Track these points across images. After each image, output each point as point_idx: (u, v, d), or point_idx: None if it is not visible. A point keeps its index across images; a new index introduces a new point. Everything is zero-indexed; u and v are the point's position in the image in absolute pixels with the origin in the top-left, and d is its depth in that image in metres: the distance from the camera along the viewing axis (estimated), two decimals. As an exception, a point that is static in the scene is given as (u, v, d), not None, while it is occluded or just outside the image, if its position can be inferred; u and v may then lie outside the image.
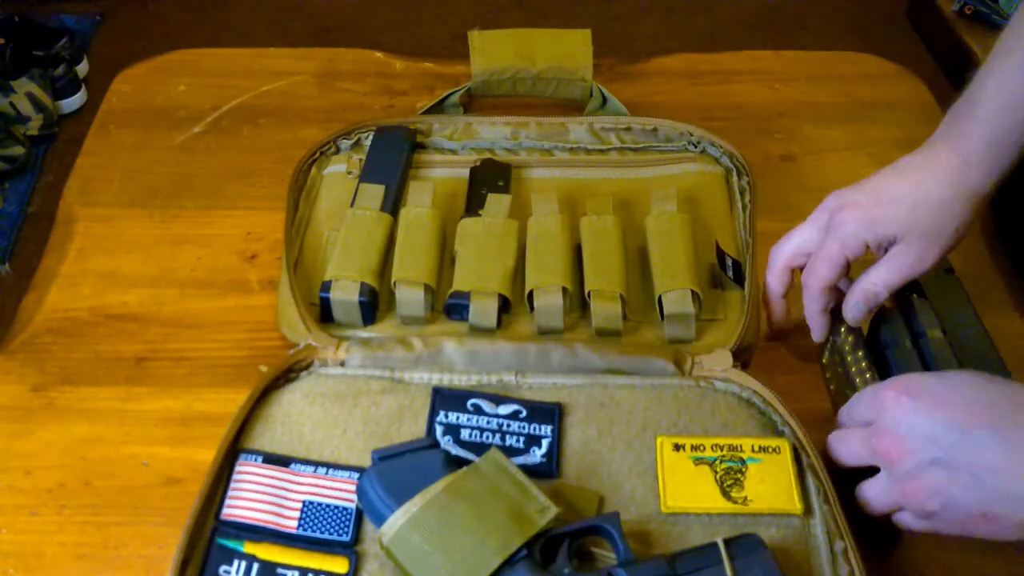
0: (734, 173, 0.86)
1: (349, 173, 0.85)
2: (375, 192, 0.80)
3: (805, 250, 0.72)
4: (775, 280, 0.74)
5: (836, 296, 0.72)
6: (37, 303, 0.79)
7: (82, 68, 2.07)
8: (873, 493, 0.60)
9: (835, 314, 0.73)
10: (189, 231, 0.85)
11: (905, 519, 0.60)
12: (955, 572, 0.64)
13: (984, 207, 0.68)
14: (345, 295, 0.73)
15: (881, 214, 0.68)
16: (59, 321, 0.77)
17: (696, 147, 0.88)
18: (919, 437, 0.56)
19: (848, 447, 0.62)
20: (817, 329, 0.73)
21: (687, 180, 0.85)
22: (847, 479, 0.63)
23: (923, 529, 0.59)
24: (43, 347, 0.76)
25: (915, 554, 0.65)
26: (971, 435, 0.54)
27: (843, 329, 0.72)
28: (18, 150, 1.84)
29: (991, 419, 0.54)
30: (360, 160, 0.86)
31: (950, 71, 2.05)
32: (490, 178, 0.83)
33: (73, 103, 1.98)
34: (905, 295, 0.73)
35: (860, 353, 0.70)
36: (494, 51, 0.90)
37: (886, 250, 0.69)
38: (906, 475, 0.57)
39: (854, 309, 0.70)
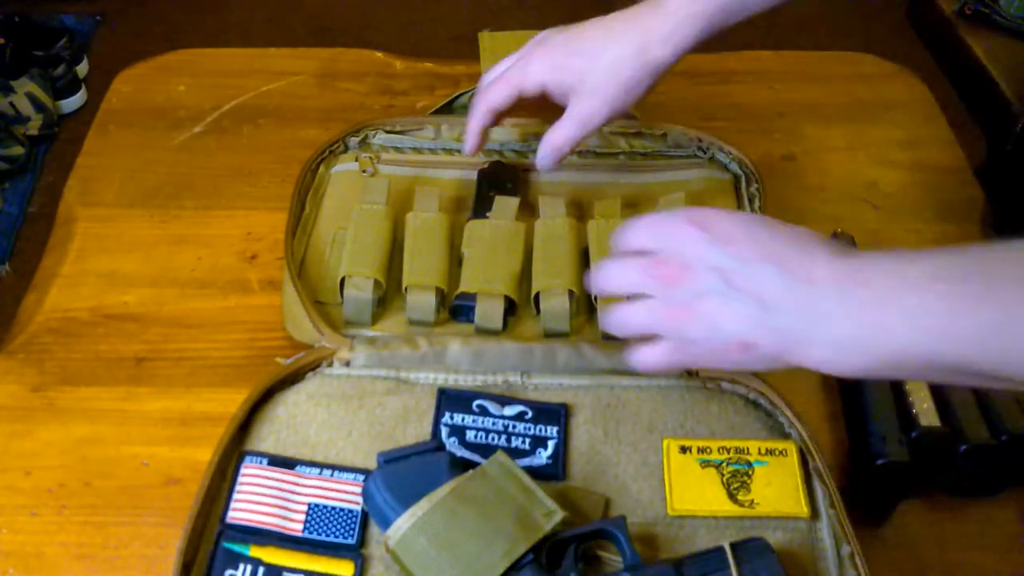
0: (743, 180, 0.85)
1: (364, 171, 0.84)
2: (381, 186, 0.80)
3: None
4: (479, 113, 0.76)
5: (495, 120, 0.77)
6: (37, 303, 0.78)
7: (82, 68, 2.07)
8: (635, 313, 0.58)
9: None
10: (189, 231, 0.84)
11: (650, 355, 0.59)
12: (956, 572, 0.64)
13: (659, 76, 0.71)
14: (359, 292, 0.72)
15: (564, 63, 0.72)
16: (59, 321, 0.77)
17: (705, 153, 0.87)
18: (704, 267, 0.55)
19: (625, 272, 0.59)
20: (471, 145, 0.78)
21: (695, 185, 0.84)
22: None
23: (667, 363, 0.59)
24: (43, 347, 0.75)
25: (917, 554, 0.65)
26: (754, 266, 0.53)
27: None
28: (18, 150, 1.84)
29: (777, 255, 0.53)
30: (371, 158, 0.85)
31: (950, 71, 2.05)
32: (498, 180, 0.83)
33: (73, 103, 1.98)
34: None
35: None
36: (504, 52, 0.90)
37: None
38: (679, 301, 0.56)
39: (542, 160, 0.75)
